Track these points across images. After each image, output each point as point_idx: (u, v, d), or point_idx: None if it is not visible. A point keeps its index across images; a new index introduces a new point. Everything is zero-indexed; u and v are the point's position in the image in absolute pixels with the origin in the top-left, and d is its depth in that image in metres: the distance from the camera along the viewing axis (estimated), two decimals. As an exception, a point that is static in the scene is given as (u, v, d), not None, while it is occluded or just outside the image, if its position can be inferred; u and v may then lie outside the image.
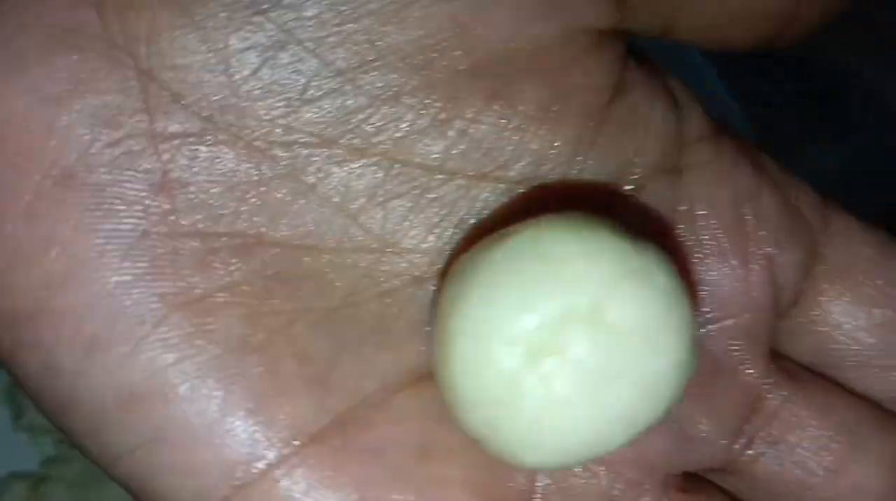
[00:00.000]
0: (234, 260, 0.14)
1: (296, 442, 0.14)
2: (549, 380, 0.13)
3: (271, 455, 0.14)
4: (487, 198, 0.15)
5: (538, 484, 0.15)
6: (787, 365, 0.17)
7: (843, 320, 0.16)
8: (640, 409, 0.13)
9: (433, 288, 0.15)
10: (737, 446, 0.16)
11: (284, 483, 0.14)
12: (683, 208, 0.16)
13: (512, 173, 0.15)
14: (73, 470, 0.36)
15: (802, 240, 0.16)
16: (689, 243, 0.16)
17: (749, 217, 0.16)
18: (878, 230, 0.17)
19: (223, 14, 0.13)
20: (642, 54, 0.16)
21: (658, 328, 0.13)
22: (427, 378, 0.15)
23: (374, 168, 0.14)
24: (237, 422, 0.14)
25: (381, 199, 0.14)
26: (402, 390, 0.15)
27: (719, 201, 0.16)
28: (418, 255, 0.15)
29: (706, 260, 0.16)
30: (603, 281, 0.13)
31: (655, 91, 0.15)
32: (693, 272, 0.16)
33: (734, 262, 0.16)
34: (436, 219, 0.15)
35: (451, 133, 0.14)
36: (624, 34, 0.15)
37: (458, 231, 0.15)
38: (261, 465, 0.14)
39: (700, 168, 0.16)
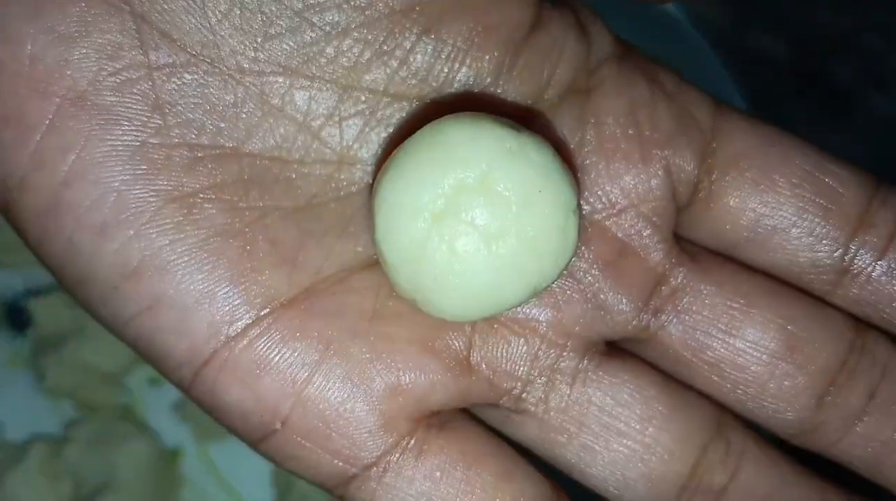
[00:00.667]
0: (215, 166, 0.17)
1: (269, 307, 0.17)
2: (451, 240, 0.16)
3: (249, 316, 0.17)
4: (427, 116, 0.17)
5: (474, 344, 0.18)
6: (690, 248, 0.19)
7: (734, 204, 0.18)
8: (530, 264, 0.16)
9: None
10: (645, 316, 0.18)
11: (261, 339, 0.17)
12: (591, 119, 0.18)
13: (445, 96, 0.17)
14: (92, 431, 0.38)
15: (694, 138, 0.18)
16: (596, 148, 0.18)
17: (645, 123, 0.18)
18: (764, 124, 0.19)
19: None
20: None
21: (535, 195, 0.16)
22: (378, 263, 0.17)
23: (329, 93, 0.17)
24: (220, 291, 0.17)
25: (337, 119, 0.17)
26: (357, 271, 0.17)
27: (618, 112, 0.18)
28: (370, 166, 0.17)
29: (611, 161, 0.18)
30: (487, 158, 0.16)
31: (568, 24, 0.18)
32: (574, 157, 0.18)
33: (632, 160, 0.18)
34: (384, 135, 0.17)
35: (392, 62, 0.17)
36: None
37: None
38: (241, 324, 0.17)
39: (603, 86, 0.18)
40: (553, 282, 0.17)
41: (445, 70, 0.17)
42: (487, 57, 0.17)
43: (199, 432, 0.39)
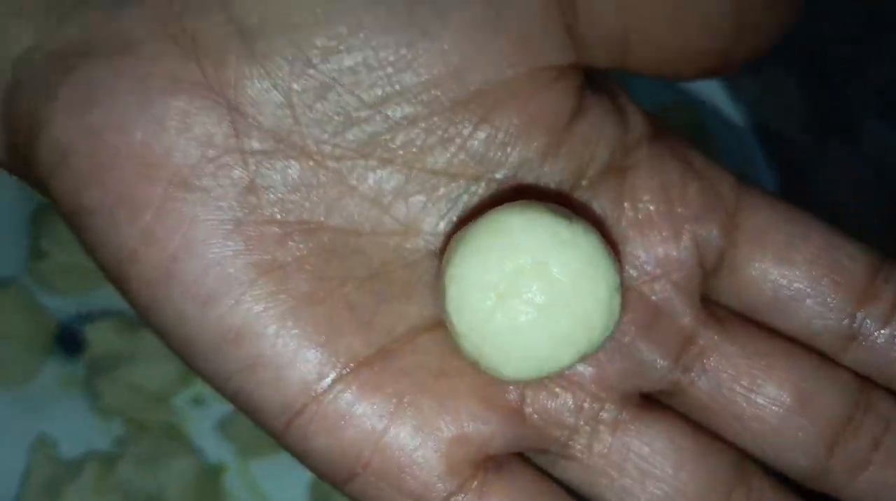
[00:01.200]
0: (301, 240, 0.19)
1: (350, 366, 0.19)
2: (513, 316, 0.18)
3: (334, 374, 0.19)
4: (481, 193, 0.19)
5: (527, 397, 0.20)
6: (717, 311, 0.21)
7: (756, 274, 0.20)
8: (579, 335, 0.19)
9: None
10: (677, 372, 0.20)
11: (344, 394, 0.19)
12: (628, 197, 0.20)
13: (498, 175, 0.19)
14: (142, 448, 0.40)
15: (720, 214, 0.20)
16: (632, 222, 0.20)
17: (677, 199, 0.20)
18: (782, 201, 0.21)
19: (287, 67, 0.18)
20: (602, 79, 0.20)
21: (584, 277, 0.18)
22: (441, 324, 0.19)
23: (398, 173, 0.19)
24: (309, 353, 0.19)
25: (404, 196, 0.19)
26: (424, 332, 0.19)
27: (652, 190, 0.20)
28: (432, 236, 0.19)
29: (646, 234, 0.20)
30: (542, 246, 0.18)
31: (606, 110, 0.20)
32: (614, 237, 0.20)
33: (665, 234, 0.20)
34: (444, 210, 0.19)
35: (452, 148, 0.19)
36: (581, 69, 0.19)
37: (460, 218, 0.19)
38: (327, 382, 0.19)
39: (638, 166, 0.20)
40: (598, 349, 0.19)
41: (498, 154, 0.19)
42: (535, 143, 0.19)
43: (241, 449, 0.41)
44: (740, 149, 0.47)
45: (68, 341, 0.43)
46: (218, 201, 0.18)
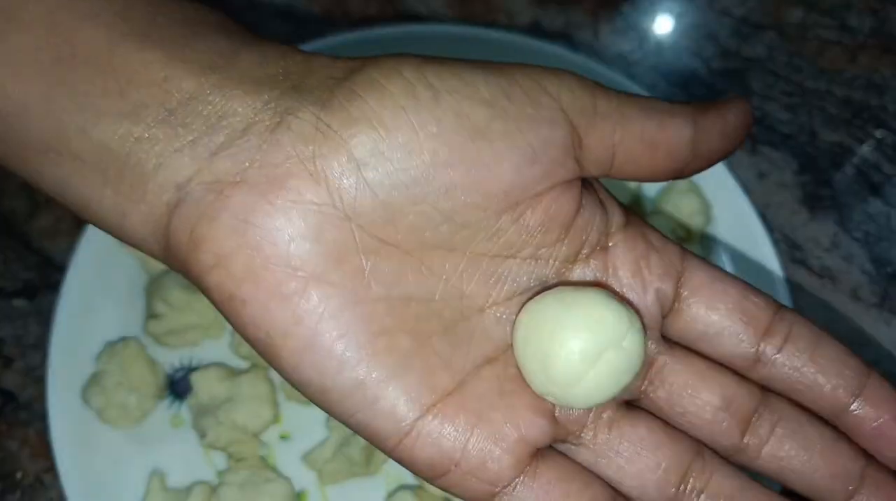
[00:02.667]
0: (401, 310, 0.24)
1: (441, 396, 0.24)
2: (573, 363, 0.25)
3: (431, 402, 0.24)
4: (514, 269, 0.26)
5: (556, 406, 0.26)
6: (670, 342, 0.28)
7: (692, 317, 0.28)
8: (624, 378, 0.26)
9: (491, 315, 0.26)
10: (645, 384, 0.27)
11: (439, 416, 0.24)
12: (610, 269, 0.27)
13: (523, 254, 0.26)
14: (240, 477, 0.44)
15: (672, 276, 0.27)
16: (616, 287, 0.27)
17: (644, 268, 0.27)
18: (711, 265, 0.28)
19: (389, 190, 0.24)
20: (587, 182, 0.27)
21: (622, 340, 0.25)
22: (493, 359, 0.25)
23: (455, 257, 0.25)
24: (413, 390, 0.24)
25: (459, 271, 0.25)
26: (485, 365, 0.26)
27: (627, 261, 0.27)
28: (478, 297, 0.26)
29: (624, 292, 0.27)
30: (583, 314, 0.26)
31: (595, 206, 0.26)
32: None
33: (638, 291, 0.27)
34: (486, 279, 0.26)
35: (493, 239, 0.25)
36: (579, 179, 0.26)
37: (496, 284, 0.25)
38: (426, 408, 0.24)
39: (617, 244, 0.27)
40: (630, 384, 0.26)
41: (526, 240, 0.25)
42: (552, 233, 0.25)
43: (321, 477, 0.45)
44: (740, 220, 0.51)
45: (177, 386, 0.48)
46: (344, 288, 0.23)
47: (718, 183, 0.51)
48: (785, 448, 0.27)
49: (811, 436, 0.28)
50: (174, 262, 0.24)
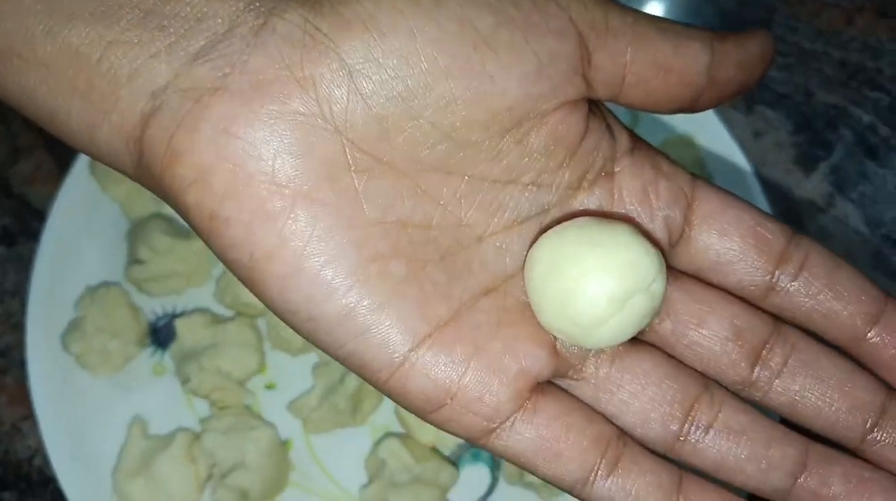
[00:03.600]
0: (396, 235, 0.23)
1: (437, 326, 0.23)
2: (592, 299, 0.24)
3: (427, 332, 0.23)
4: (515, 194, 0.24)
5: (557, 337, 0.25)
6: (676, 272, 0.26)
7: (703, 246, 0.26)
8: (645, 320, 0.25)
9: (490, 245, 0.24)
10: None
11: (435, 346, 0.23)
12: (616, 194, 0.25)
13: (525, 179, 0.24)
14: (224, 424, 0.44)
15: (681, 203, 0.26)
16: (621, 211, 0.25)
17: (651, 194, 0.25)
18: (724, 191, 0.26)
19: (385, 103, 0.22)
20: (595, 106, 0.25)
21: (638, 271, 0.24)
22: (492, 289, 0.24)
23: (455, 180, 0.23)
24: (408, 320, 0.23)
25: (458, 197, 0.23)
26: (482, 296, 0.24)
27: (634, 190, 0.25)
28: (477, 226, 0.24)
29: (636, 216, 0.25)
30: (604, 252, 0.24)
31: (602, 130, 0.25)
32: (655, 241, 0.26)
33: (644, 218, 0.25)
34: (486, 206, 0.24)
35: (495, 161, 0.23)
36: (586, 100, 0.24)
37: (497, 211, 0.24)
38: (421, 338, 0.23)
39: (623, 170, 0.25)
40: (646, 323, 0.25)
41: (529, 164, 0.24)
42: (556, 156, 0.24)
43: (305, 426, 0.45)
44: (735, 178, 0.50)
45: (160, 334, 0.47)
46: (335, 209, 0.22)
47: (714, 138, 0.50)
48: (798, 380, 0.26)
49: (826, 368, 0.26)
50: (148, 180, 0.23)
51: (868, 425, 0.26)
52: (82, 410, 0.45)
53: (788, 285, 0.26)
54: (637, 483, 0.25)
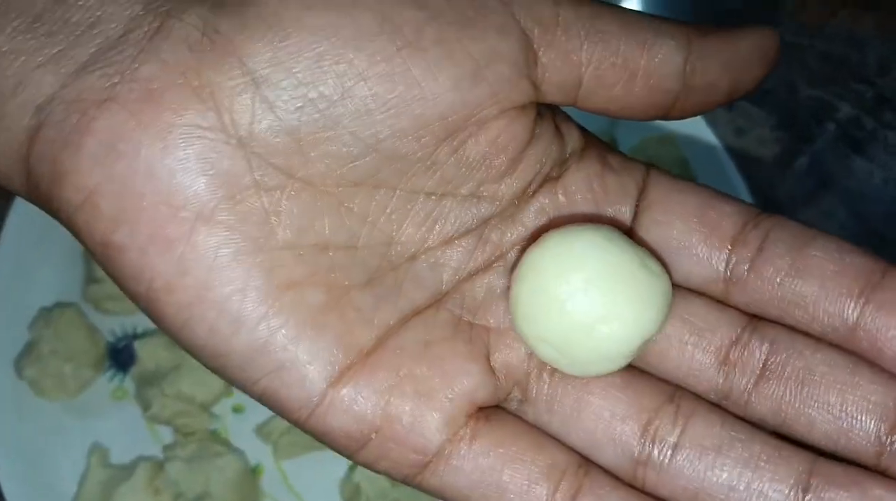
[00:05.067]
0: (313, 259, 0.20)
1: (358, 356, 0.21)
2: (579, 323, 0.21)
3: (347, 364, 0.21)
4: (454, 208, 0.22)
5: (493, 353, 0.22)
6: None
7: (651, 235, 0.23)
8: (634, 336, 0.22)
9: (424, 263, 0.22)
10: None
11: (353, 379, 0.21)
12: (561, 191, 0.23)
13: (463, 191, 0.22)
14: (189, 452, 0.42)
15: (631, 195, 0.23)
16: (564, 206, 0.23)
17: (599, 190, 0.23)
18: (679, 179, 0.23)
19: (295, 113, 0.19)
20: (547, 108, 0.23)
21: (635, 288, 0.21)
22: (426, 309, 0.22)
23: (384, 195, 0.21)
24: (325, 352, 0.20)
25: (388, 212, 0.21)
26: (413, 317, 0.22)
27: (580, 188, 0.23)
28: (410, 244, 0.22)
29: (574, 212, 0.23)
30: (596, 265, 0.21)
31: (552, 135, 0.22)
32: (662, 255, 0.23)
33: (587, 212, 0.23)
34: (419, 221, 0.21)
35: (429, 173, 0.21)
36: (536, 104, 0.22)
37: (432, 227, 0.21)
38: (340, 371, 0.21)
39: (570, 171, 0.23)
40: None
41: (467, 174, 0.21)
42: (497, 167, 0.21)
43: (276, 451, 0.43)
44: (719, 175, 0.49)
45: (119, 356, 0.45)
46: (240, 232, 0.20)
47: (696, 136, 0.49)
48: (783, 384, 0.21)
49: (817, 364, 0.21)
50: (41, 201, 0.21)
51: (883, 431, 0.21)
52: (38, 439, 0.43)
53: (744, 272, 0.22)
54: None
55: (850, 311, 0.21)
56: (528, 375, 0.22)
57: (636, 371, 0.22)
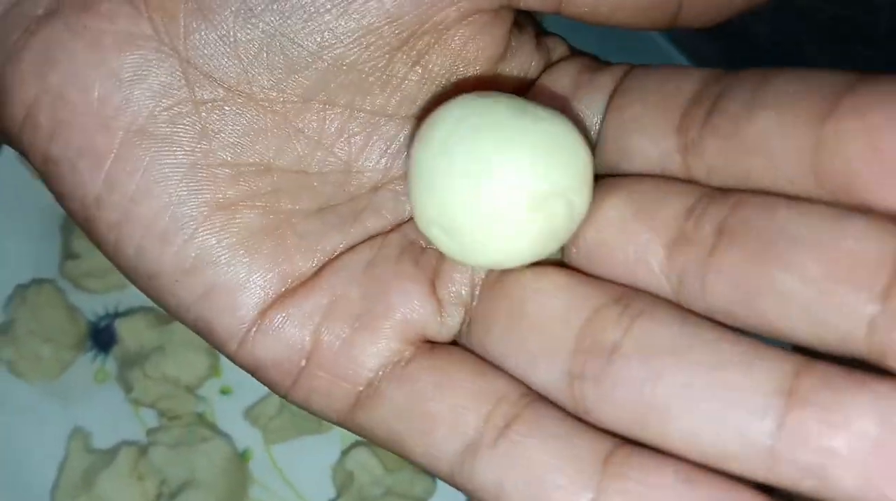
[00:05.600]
0: (252, 179, 0.20)
1: (294, 282, 0.20)
2: (484, 202, 0.18)
3: (279, 292, 0.19)
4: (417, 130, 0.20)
5: (440, 275, 0.20)
6: (597, 176, 0.20)
7: (615, 110, 0.20)
8: (558, 236, 0.18)
9: (389, 192, 0.20)
10: None
11: (285, 305, 0.19)
12: (532, 93, 0.20)
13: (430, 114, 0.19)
14: (174, 436, 0.41)
15: (605, 85, 0.20)
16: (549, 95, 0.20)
17: (569, 84, 0.20)
18: (658, 67, 0.20)
19: (232, 19, 0.19)
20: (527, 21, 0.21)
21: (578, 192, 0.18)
22: (376, 236, 0.20)
23: (339, 115, 0.20)
24: (257, 276, 0.19)
25: (346, 136, 0.20)
26: (361, 244, 0.20)
27: (554, 82, 0.21)
28: (373, 173, 0.20)
29: (566, 98, 0.20)
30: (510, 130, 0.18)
31: (531, 47, 0.21)
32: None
33: (568, 111, 0.20)
34: (383, 149, 0.20)
35: (388, 89, 0.20)
36: (511, 11, 0.20)
37: (400, 155, 0.20)
38: (271, 299, 0.19)
39: (545, 72, 0.21)
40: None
41: (430, 95, 0.20)
42: (468, 83, 0.20)
43: (265, 435, 0.42)
44: None
45: (101, 336, 0.44)
46: (173, 147, 0.19)
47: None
48: (744, 249, 0.16)
49: (788, 222, 0.16)
50: None
51: (873, 313, 0.15)
52: (17, 423, 0.42)
53: (697, 132, 0.18)
54: (534, 453, 0.17)
55: (811, 131, 0.16)
56: (473, 293, 0.20)
57: (580, 273, 0.19)
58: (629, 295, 0.18)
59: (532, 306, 0.19)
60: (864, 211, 0.15)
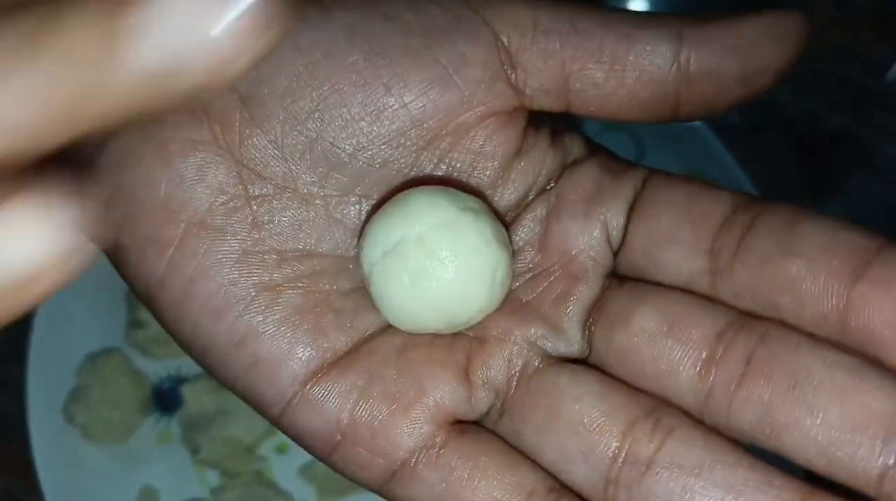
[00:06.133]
0: (295, 264, 0.22)
1: (331, 358, 0.21)
2: (402, 278, 0.21)
3: (317, 365, 0.21)
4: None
5: (473, 359, 0.22)
6: (619, 275, 0.22)
7: (635, 237, 0.22)
8: (476, 292, 0.21)
9: None
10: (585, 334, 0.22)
11: (324, 379, 0.21)
12: (556, 203, 0.22)
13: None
14: (236, 494, 0.43)
15: (626, 192, 0.22)
16: (555, 222, 0.22)
17: (591, 188, 0.22)
18: (674, 177, 0.22)
19: (279, 127, 0.21)
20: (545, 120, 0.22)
21: (468, 255, 0.21)
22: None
23: (368, 206, 0.22)
24: (298, 350, 0.21)
25: None
26: (392, 326, 0.22)
27: (575, 184, 0.22)
28: None
29: (571, 220, 0.22)
30: (432, 222, 0.21)
31: (546, 144, 0.22)
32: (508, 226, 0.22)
33: (584, 221, 0.22)
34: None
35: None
36: (525, 112, 0.22)
37: None
38: (311, 372, 0.21)
39: (566, 178, 0.22)
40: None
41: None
42: (485, 177, 0.22)
43: (321, 490, 0.43)
44: None
45: (164, 399, 0.46)
46: (227, 236, 0.21)
47: (717, 165, 0.50)
48: (770, 384, 0.18)
49: (811, 364, 0.18)
50: None
51: (888, 446, 0.18)
52: (88, 482, 0.44)
53: (729, 259, 0.20)
54: None
55: (841, 290, 0.18)
56: (508, 383, 0.21)
57: (616, 381, 0.21)
58: (659, 408, 0.20)
59: (570, 409, 0.21)
60: (880, 364, 0.18)
